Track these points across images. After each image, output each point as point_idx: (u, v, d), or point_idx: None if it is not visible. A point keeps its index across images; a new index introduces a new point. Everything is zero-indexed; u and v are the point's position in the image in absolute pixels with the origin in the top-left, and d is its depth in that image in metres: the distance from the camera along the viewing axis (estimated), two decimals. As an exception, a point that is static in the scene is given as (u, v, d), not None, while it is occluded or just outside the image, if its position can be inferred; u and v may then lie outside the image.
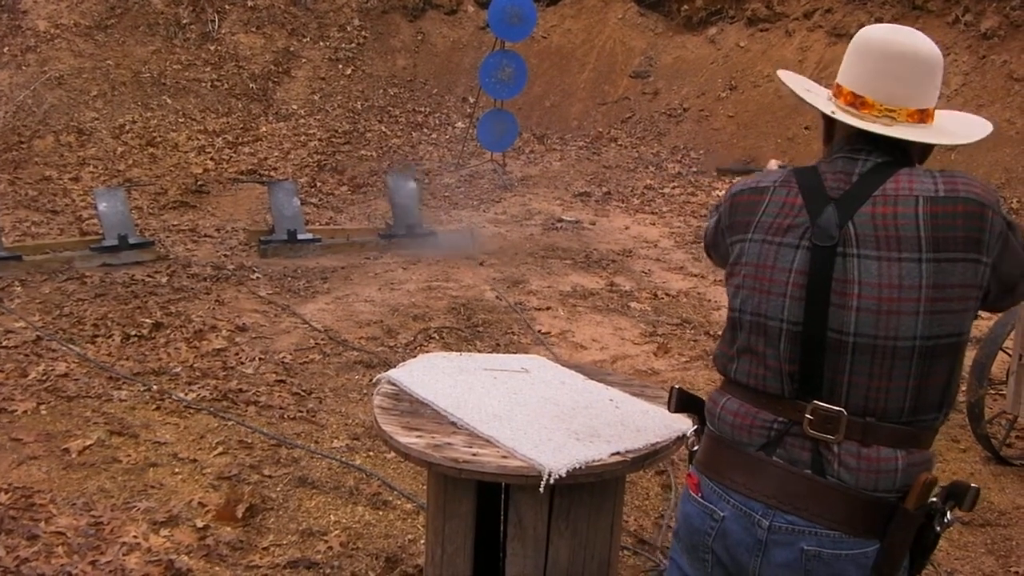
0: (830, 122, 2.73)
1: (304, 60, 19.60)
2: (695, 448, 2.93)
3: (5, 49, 17.88)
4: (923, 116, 2.63)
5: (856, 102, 2.63)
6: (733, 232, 2.75)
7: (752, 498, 2.59)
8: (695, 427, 2.99)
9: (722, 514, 2.64)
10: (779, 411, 2.60)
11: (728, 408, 2.70)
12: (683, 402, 3.01)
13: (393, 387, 3.98)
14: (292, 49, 19.70)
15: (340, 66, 19.71)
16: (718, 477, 2.68)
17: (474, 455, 3.33)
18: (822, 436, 2.53)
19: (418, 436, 3.49)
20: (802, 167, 2.69)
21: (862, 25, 11.45)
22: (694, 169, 16.41)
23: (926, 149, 2.75)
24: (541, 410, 3.72)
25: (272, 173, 15.39)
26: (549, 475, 3.20)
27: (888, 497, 2.52)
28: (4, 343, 8.04)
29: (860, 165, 2.59)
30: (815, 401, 2.54)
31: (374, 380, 4.12)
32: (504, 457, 3.32)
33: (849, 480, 2.52)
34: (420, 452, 3.39)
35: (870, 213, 2.50)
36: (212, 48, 19.25)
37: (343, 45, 20.20)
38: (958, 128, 2.74)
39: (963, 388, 6.58)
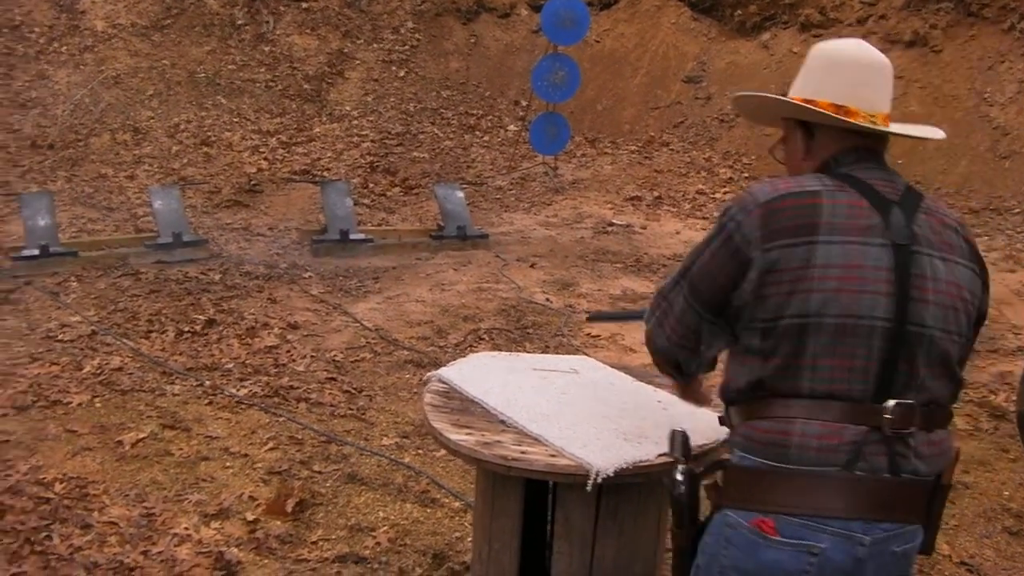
0: (809, 135, 2.84)
1: (358, 62, 19.69)
2: (680, 488, 2.84)
3: (63, 48, 18.09)
4: (888, 119, 2.81)
5: (840, 112, 2.75)
6: (776, 238, 2.60)
7: (851, 518, 2.55)
8: (682, 467, 2.86)
9: (821, 546, 2.55)
10: (860, 419, 2.57)
11: (809, 432, 2.57)
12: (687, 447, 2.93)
13: (443, 385, 4.01)
14: (346, 51, 19.80)
15: (393, 68, 19.78)
16: (808, 510, 2.55)
17: (523, 453, 3.35)
18: (902, 432, 2.57)
19: (468, 434, 3.52)
20: (835, 174, 2.73)
21: (916, 32, 11.42)
22: (746, 175, 16.36)
23: None
24: (590, 410, 3.73)
25: (325, 173, 15.47)
26: (597, 474, 3.22)
27: (931, 478, 2.63)
28: (60, 337, 8.16)
29: (896, 179, 2.74)
30: (889, 400, 2.57)
31: (424, 378, 4.16)
32: (553, 456, 3.34)
33: (923, 469, 2.59)
34: (470, 449, 3.42)
35: (926, 219, 2.66)
36: (267, 49, 19.38)
37: (396, 47, 20.27)
38: (911, 128, 3.00)
39: (1013, 398, 6.57)
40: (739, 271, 2.63)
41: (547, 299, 9.84)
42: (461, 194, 12.44)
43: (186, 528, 5.23)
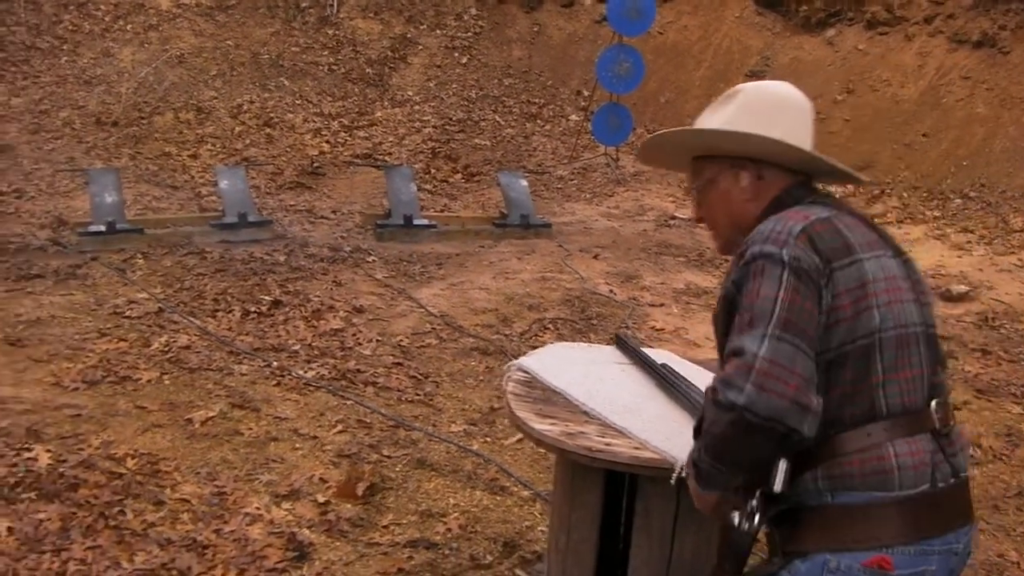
0: (758, 176, 2.82)
1: (420, 47, 19.74)
2: (753, 526, 2.61)
3: (128, 27, 18.24)
4: None
5: None
6: (830, 260, 2.52)
7: (948, 532, 2.52)
8: (755, 502, 2.60)
9: (932, 569, 2.50)
10: (924, 427, 2.54)
11: (900, 452, 2.49)
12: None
13: (524, 374, 4.01)
14: (409, 36, 19.86)
15: (456, 54, 19.82)
16: (917, 537, 2.48)
17: (607, 445, 3.35)
18: (946, 430, 2.57)
19: (552, 423, 3.52)
20: (815, 202, 2.75)
21: (984, 32, 11.32)
22: (808, 171, 16.26)
23: None
24: (672, 405, 3.73)
25: (387, 158, 15.53)
26: (681, 469, 3.22)
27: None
28: (128, 313, 8.23)
29: (840, 199, 2.84)
30: (934, 400, 2.57)
31: (505, 367, 4.16)
32: (637, 448, 3.34)
33: (966, 463, 2.63)
34: (554, 439, 3.42)
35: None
36: (330, 32, 19.47)
37: (459, 34, 20.31)
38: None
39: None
40: (819, 301, 2.50)
41: (611, 291, 9.83)
42: (525, 183, 12.45)
43: (257, 508, 5.26)
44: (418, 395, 7.01)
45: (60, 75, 16.95)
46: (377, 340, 7.99)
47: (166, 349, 7.49)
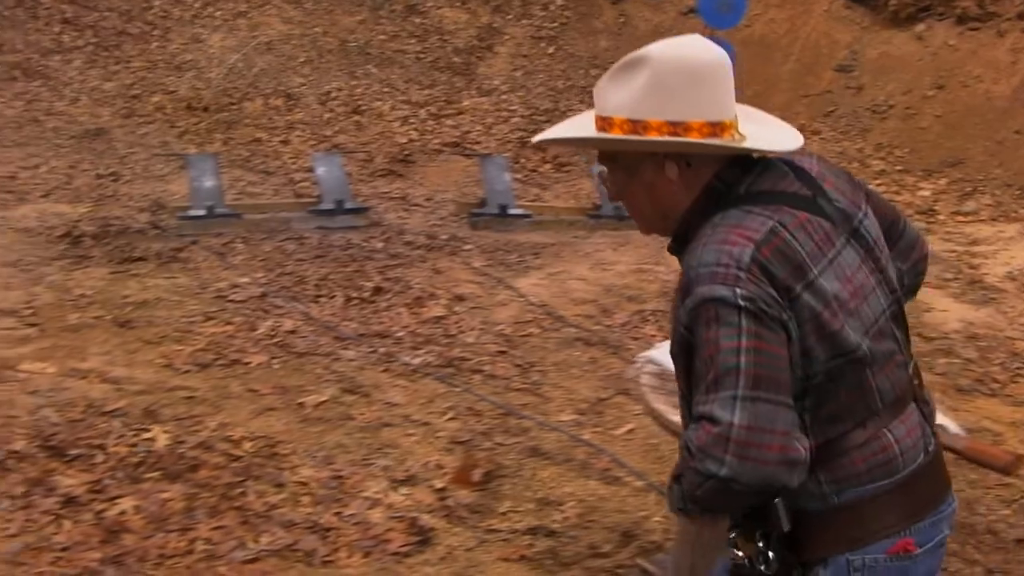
0: (686, 164, 2.48)
1: (507, 37, 19.74)
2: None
3: (218, 13, 18.41)
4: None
5: (717, 129, 2.45)
6: (788, 289, 2.30)
7: (947, 497, 2.56)
8: (762, 548, 2.43)
9: (945, 533, 2.54)
10: (910, 399, 2.53)
11: (900, 435, 2.44)
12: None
13: (656, 367, 4.03)
14: (495, 25, 19.86)
15: (542, 44, 19.79)
16: (927, 513, 2.48)
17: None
18: (924, 394, 2.60)
19: (689, 415, 3.56)
20: (746, 198, 2.45)
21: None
22: (899, 167, 16.08)
23: None
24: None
25: (475, 147, 15.52)
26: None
27: None
28: (231, 297, 8.33)
29: (782, 167, 2.55)
30: (909, 368, 2.58)
31: (634, 358, 4.19)
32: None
33: (934, 420, 2.65)
34: (694, 431, 3.46)
35: (830, 187, 2.55)
36: (417, 21, 19.52)
37: (546, 24, 20.28)
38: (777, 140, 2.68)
39: None
40: (787, 337, 2.29)
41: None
42: (617, 174, 12.42)
43: (376, 492, 5.34)
44: (525, 384, 7.04)
45: (151, 60, 17.12)
46: (480, 328, 8.02)
47: (272, 333, 7.58)
